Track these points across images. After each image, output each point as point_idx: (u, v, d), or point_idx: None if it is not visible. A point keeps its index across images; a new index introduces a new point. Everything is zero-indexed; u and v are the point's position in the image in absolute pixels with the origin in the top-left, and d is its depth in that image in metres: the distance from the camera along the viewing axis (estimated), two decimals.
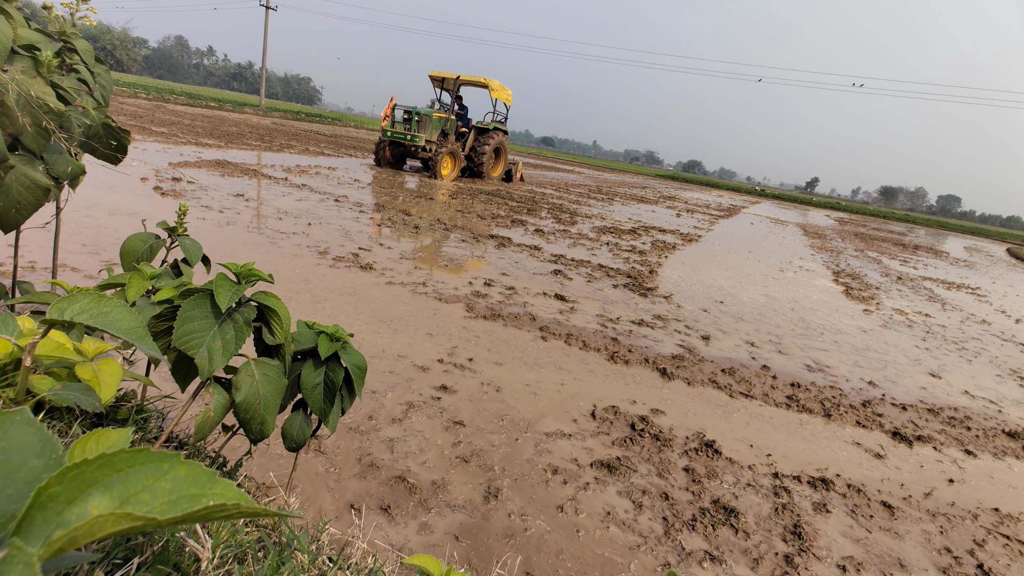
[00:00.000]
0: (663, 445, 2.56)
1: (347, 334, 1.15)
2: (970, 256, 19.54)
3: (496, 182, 15.51)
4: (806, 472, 2.57)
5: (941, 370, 4.64)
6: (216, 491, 0.29)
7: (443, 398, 2.64)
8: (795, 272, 8.65)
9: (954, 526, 2.36)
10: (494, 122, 15.10)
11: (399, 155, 14.22)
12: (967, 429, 3.45)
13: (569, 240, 7.78)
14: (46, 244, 3.54)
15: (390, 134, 13.27)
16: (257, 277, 0.99)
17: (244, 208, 6.23)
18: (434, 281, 4.57)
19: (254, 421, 0.96)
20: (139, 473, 0.29)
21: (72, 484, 0.27)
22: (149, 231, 1.50)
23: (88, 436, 0.50)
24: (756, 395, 3.38)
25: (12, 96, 1.56)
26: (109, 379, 0.90)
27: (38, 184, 1.63)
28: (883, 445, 3.02)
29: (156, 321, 0.96)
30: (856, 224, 29.40)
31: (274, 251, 4.70)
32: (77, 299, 0.68)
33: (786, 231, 16.74)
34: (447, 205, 9.30)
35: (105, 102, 1.90)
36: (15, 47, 1.67)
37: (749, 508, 2.20)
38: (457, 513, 1.87)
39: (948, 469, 2.89)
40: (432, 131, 13.23)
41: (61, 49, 1.83)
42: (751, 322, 5.08)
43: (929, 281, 10.34)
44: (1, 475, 0.28)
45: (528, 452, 2.31)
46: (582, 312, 4.43)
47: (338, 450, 2.09)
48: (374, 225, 6.63)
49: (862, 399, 3.63)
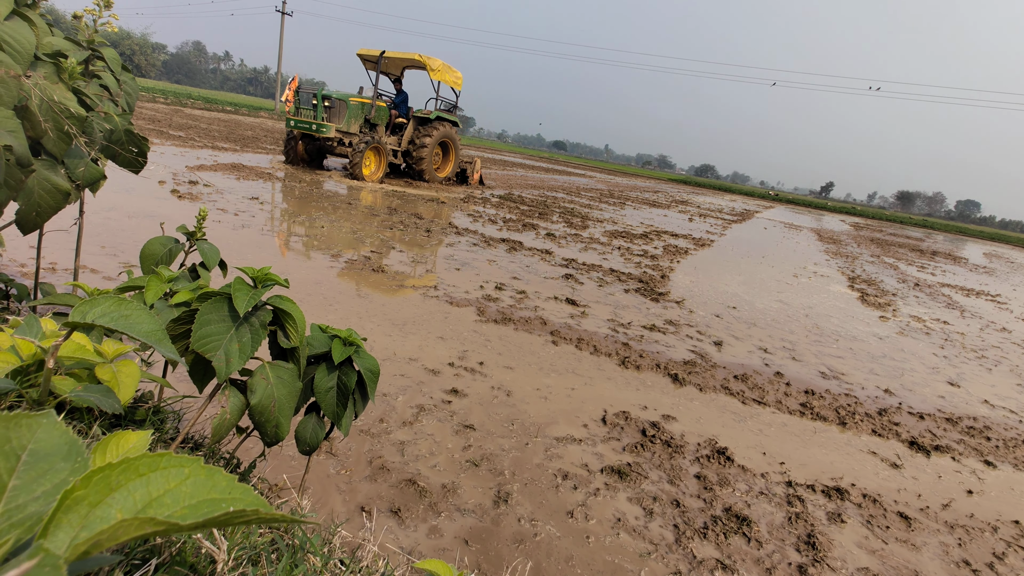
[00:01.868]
0: (674, 451, 2.55)
1: (360, 338, 1.16)
2: (990, 262, 19.20)
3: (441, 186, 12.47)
4: (820, 481, 2.53)
5: (960, 379, 4.56)
6: (235, 495, 0.30)
7: (454, 402, 2.64)
8: (809, 278, 8.55)
9: (973, 538, 2.32)
10: (437, 110, 12.23)
11: (316, 150, 11.50)
12: (987, 439, 3.38)
13: (580, 244, 7.76)
14: (66, 245, 3.60)
15: (294, 124, 10.60)
16: (273, 281, 1.01)
17: (259, 211, 6.30)
18: (445, 285, 4.58)
19: (269, 424, 0.97)
20: (161, 477, 0.29)
21: (97, 487, 0.28)
22: (168, 235, 1.52)
23: (109, 438, 0.51)
24: (769, 402, 3.35)
25: (35, 101, 1.60)
26: (128, 380, 0.91)
27: (59, 188, 1.66)
28: (900, 454, 2.97)
29: (174, 324, 0.97)
30: (872, 229, 29.02)
31: (284, 253, 4.74)
32: (99, 302, 0.69)
33: (800, 236, 16.57)
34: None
35: (130, 109, 1.94)
36: (38, 54, 1.71)
37: (762, 517, 2.18)
38: (467, 517, 1.87)
39: (967, 480, 2.83)
40: (351, 120, 10.67)
41: (89, 57, 1.87)
42: (764, 328, 5.03)
43: (947, 287, 10.18)
44: (30, 477, 0.29)
45: (538, 457, 2.31)
46: (593, 317, 4.42)
47: (349, 452, 2.10)
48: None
49: (878, 407, 3.58)
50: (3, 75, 1.46)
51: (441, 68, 11.87)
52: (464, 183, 13.50)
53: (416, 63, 11.59)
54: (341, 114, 10.58)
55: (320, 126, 10.28)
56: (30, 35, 1.61)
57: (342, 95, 10.50)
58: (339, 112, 10.58)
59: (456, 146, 12.81)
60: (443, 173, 12.81)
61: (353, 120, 10.77)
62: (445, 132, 12.09)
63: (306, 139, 11.16)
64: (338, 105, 10.54)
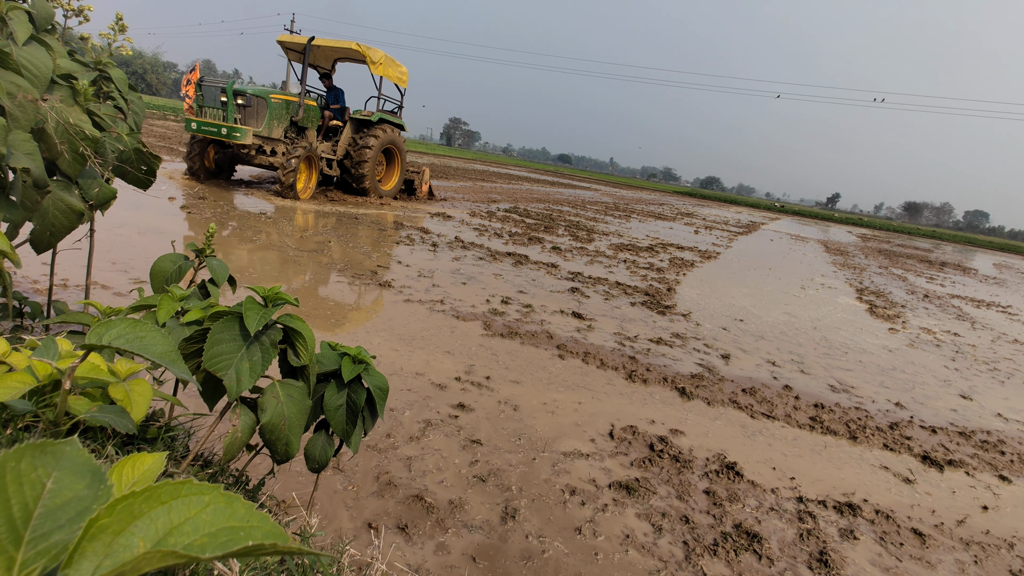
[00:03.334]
0: (683, 466, 2.52)
1: (370, 355, 1.16)
2: (1000, 273, 19.03)
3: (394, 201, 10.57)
4: (832, 496, 2.50)
5: (972, 391, 4.50)
6: (254, 523, 0.30)
7: (460, 416, 2.64)
8: (817, 290, 8.51)
9: (989, 555, 2.28)
10: (380, 111, 10.21)
11: (227, 159, 9.35)
12: (1001, 454, 3.33)
13: (586, 257, 7.77)
14: (77, 262, 3.65)
15: (196, 127, 8.38)
16: (283, 300, 1.02)
17: (265, 227, 6.37)
18: (451, 299, 4.59)
19: (279, 442, 0.98)
20: (182, 505, 0.30)
21: (120, 516, 0.28)
22: (178, 252, 1.54)
23: (125, 460, 0.52)
24: (778, 416, 3.32)
25: (51, 124, 1.64)
26: (140, 400, 0.92)
27: (73, 208, 1.69)
28: (912, 469, 2.93)
29: (186, 343, 0.99)
30: (879, 240, 28.88)
31: (298, 268, 4.78)
32: (114, 324, 0.70)
33: (807, 248, 16.51)
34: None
35: (138, 128, 1.98)
36: (55, 77, 1.75)
37: (773, 533, 2.15)
38: (474, 533, 1.86)
39: (982, 495, 2.79)
40: (272, 122, 8.66)
41: (97, 78, 1.91)
42: (772, 341, 5.00)
43: (957, 299, 10.09)
44: (54, 505, 0.30)
45: (546, 472, 2.30)
46: (599, 330, 4.41)
47: (356, 468, 2.10)
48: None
49: (889, 421, 3.54)
50: (21, 99, 1.49)
51: (384, 61, 9.89)
52: (412, 195, 11.67)
53: (354, 54, 9.74)
54: (260, 115, 8.56)
55: (232, 130, 8.14)
56: (47, 60, 1.65)
57: (260, 91, 8.57)
58: (257, 112, 8.55)
59: (402, 153, 10.86)
60: (387, 185, 10.80)
61: (276, 122, 8.73)
62: (389, 137, 10.13)
63: (217, 145, 9.16)
64: (255, 103, 8.52)
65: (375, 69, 9.73)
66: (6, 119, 1.43)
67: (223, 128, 8.17)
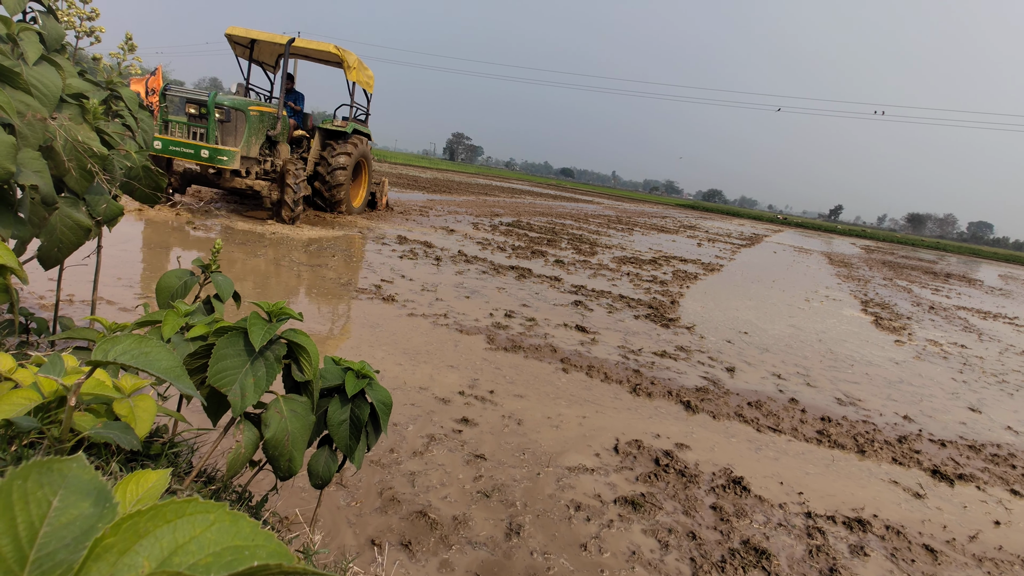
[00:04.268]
0: (689, 481, 2.50)
1: (373, 370, 1.16)
2: (1006, 284, 18.93)
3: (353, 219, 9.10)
4: (841, 512, 2.47)
5: (981, 404, 4.46)
6: (259, 542, 0.30)
7: (464, 431, 2.63)
8: (821, 302, 8.48)
9: (1003, 572, 2.23)
10: (353, 120, 9.02)
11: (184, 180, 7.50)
12: (1012, 467, 3.29)
13: (589, 271, 7.77)
14: (83, 277, 3.67)
15: (164, 147, 6.86)
16: (287, 315, 1.02)
17: (268, 243, 6.40)
18: (455, 313, 4.59)
19: (283, 458, 0.97)
20: (187, 523, 0.30)
21: (125, 535, 0.28)
22: (183, 268, 1.55)
23: (129, 477, 0.52)
24: (785, 430, 3.29)
25: (60, 142, 1.66)
26: (144, 416, 0.92)
27: (80, 225, 1.71)
28: (922, 484, 2.89)
29: (191, 359, 0.99)
30: (884, 252, 28.82)
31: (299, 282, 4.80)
32: (120, 340, 0.71)
33: (811, 260, 16.48)
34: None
35: (147, 145, 2.00)
36: (64, 96, 1.78)
37: (781, 549, 2.12)
38: (478, 550, 1.84)
39: (993, 510, 2.74)
40: (251, 139, 7.27)
41: (108, 97, 1.94)
42: (777, 354, 4.97)
43: (963, 310, 10.03)
44: (60, 523, 0.30)
45: (550, 487, 2.27)
46: (603, 343, 4.40)
47: (359, 483, 2.08)
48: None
49: (897, 434, 3.50)
50: (30, 118, 1.52)
51: (358, 66, 8.73)
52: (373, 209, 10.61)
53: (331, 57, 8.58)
54: (239, 131, 7.15)
55: (216, 152, 6.72)
56: (57, 79, 1.68)
57: (237, 103, 7.07)
58: (236, 128, 7.14)
59: (370, 166, 9.86)
60: (356, 201, 9.60)
61: (254, 139, 7.34)
62: (361, 151, 9.02)
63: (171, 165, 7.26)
64: (234, 117, 7.08)
65: (350, 74, 8.64)
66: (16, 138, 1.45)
67: (204, 150, 6.69)
